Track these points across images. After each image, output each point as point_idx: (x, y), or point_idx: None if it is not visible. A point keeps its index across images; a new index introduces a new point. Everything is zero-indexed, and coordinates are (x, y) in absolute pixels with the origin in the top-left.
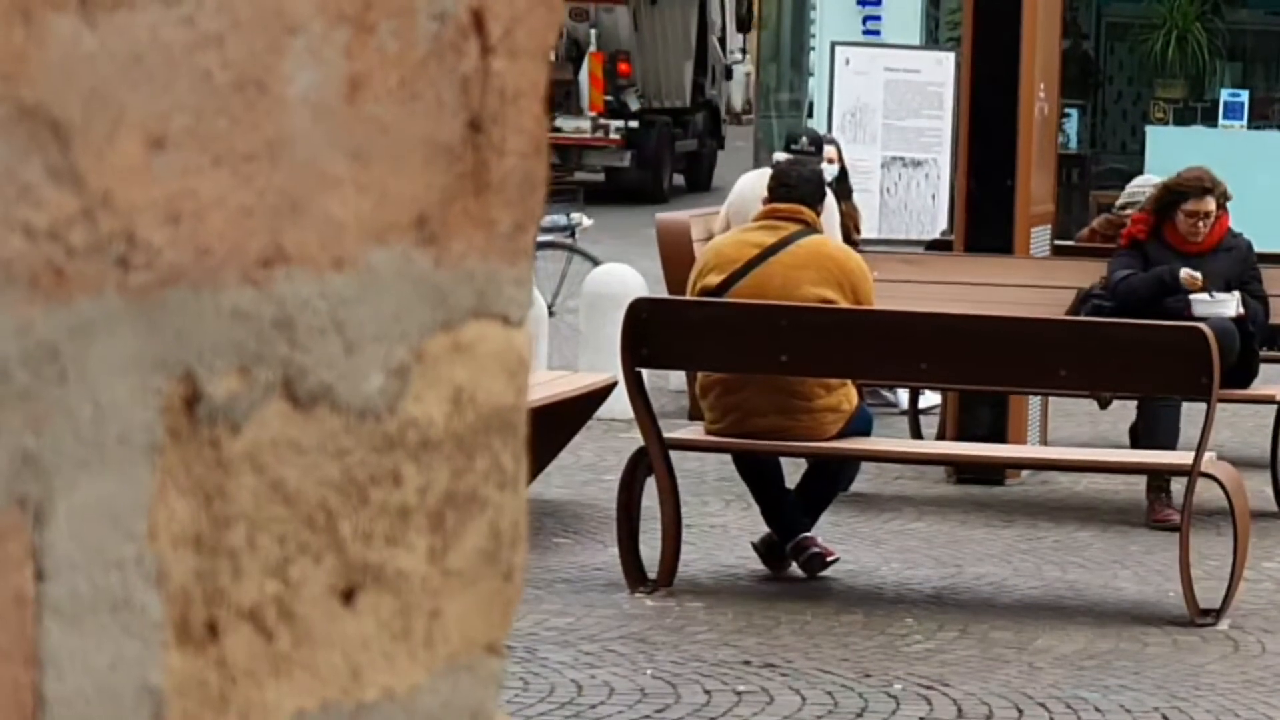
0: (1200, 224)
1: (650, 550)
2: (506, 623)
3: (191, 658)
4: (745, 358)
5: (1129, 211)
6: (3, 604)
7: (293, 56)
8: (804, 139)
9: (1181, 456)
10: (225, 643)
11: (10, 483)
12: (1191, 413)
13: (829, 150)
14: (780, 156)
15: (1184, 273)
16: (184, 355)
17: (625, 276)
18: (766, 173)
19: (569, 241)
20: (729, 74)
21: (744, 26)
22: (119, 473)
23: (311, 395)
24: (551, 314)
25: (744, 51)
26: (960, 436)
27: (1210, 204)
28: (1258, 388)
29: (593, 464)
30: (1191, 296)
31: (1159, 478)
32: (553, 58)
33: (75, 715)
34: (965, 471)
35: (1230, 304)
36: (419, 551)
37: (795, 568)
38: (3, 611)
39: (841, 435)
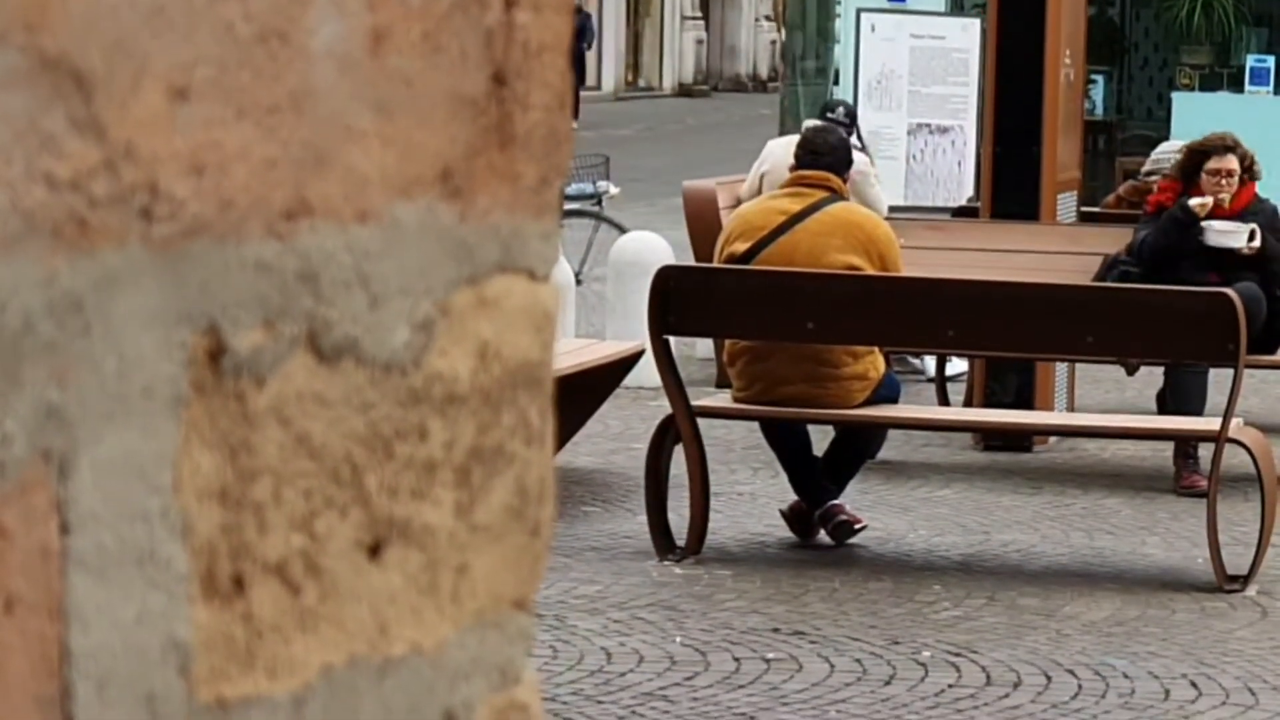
0: (1224, 182)
1: (678, 518)
2: (535, 579)
3: (218, 611)
4: (772, 325)
5: (1155, 178)
6: (28, 557)
7: (316, 8)
8: (840, 109)
9: (1209, 423)
10: (251, 596)
11: (34, 436)
12: (1218, 379)
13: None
14: (811, 123)
15: (1193, 201)
16: (208, 308)
17: (652, 244)
18: (792, 139)
19: (596, 209)
20: None
21: None
22: (144, 426)
23: (336, 349)
24: (579, 282)
25: (769, 19)
26: (987, 403)
27: (1232, 162)
28: None
29: (620, 432)
30: (1204, 224)
31: (1186, 444)
32: None
33: (101, 668)
34: (992, 438)
35: (1242, 234)
36: (446, 506)
37: (823, 535)
38: (28, 565)
39: (869, 403)
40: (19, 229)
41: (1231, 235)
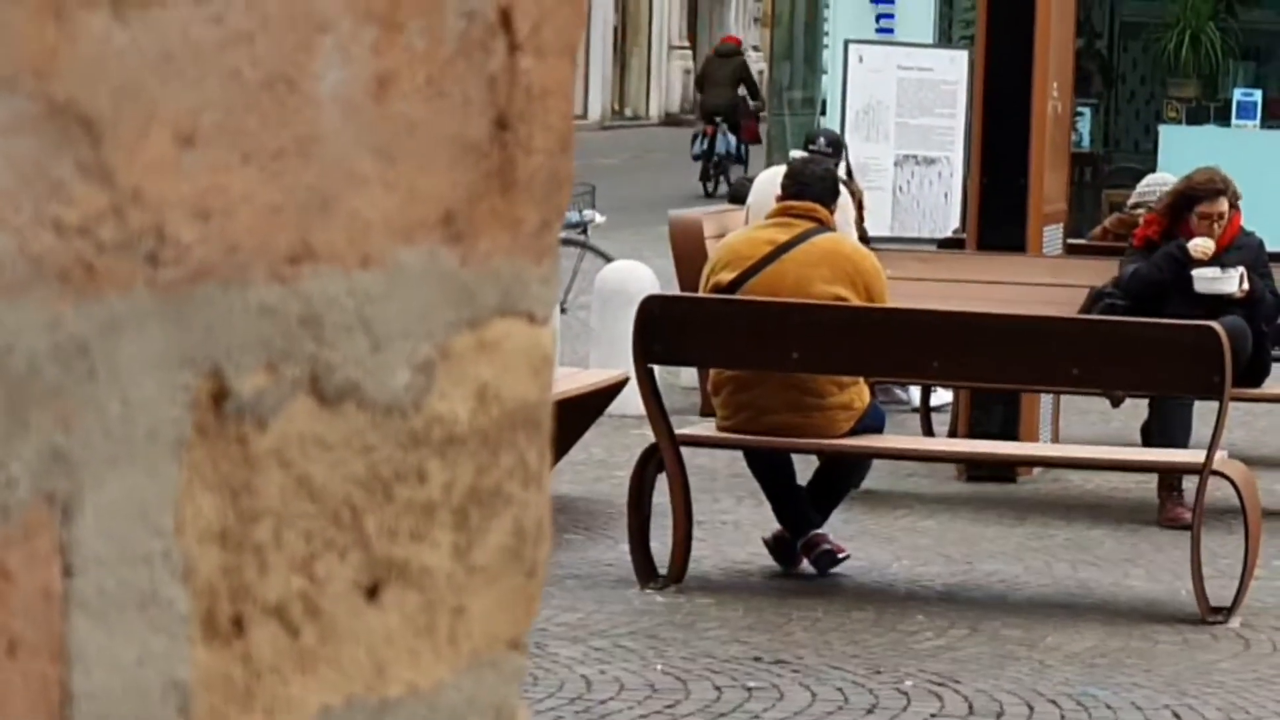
0: (1215, 226)
1: (661, 546)
2: (529, 619)
3: (218, 653)
4: (757, 355)
5: (1141, 210)
6: (30, 600)
7: (322, 54)
8: (821, 139)
9: (1193, 455)
10: (251, 638)
11: (39, 479)
12: (1203, 411)
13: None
14: (797, 154)
15: (1195, 243)
16: (212, 352)
17: (638, 273)
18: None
19: (582, 238)
20: None
21: None
22: (147, 468)
23: (338, 392)
24: (564, 310)
25: (756, 49)
26: (972, 434)
27: (1223, 205)
28: (1269, 387)
29: (604, 460)
30: (1194, 273)
31: (1171, 476)
32: None
33: (102, 710)
34: (977, 469)
35: (1232, 280)
36: (444, 548)
37: (806, 564)
38: (30, 607)
39: (853, 432)
40: (26, 274)
41: (1222, 282)
